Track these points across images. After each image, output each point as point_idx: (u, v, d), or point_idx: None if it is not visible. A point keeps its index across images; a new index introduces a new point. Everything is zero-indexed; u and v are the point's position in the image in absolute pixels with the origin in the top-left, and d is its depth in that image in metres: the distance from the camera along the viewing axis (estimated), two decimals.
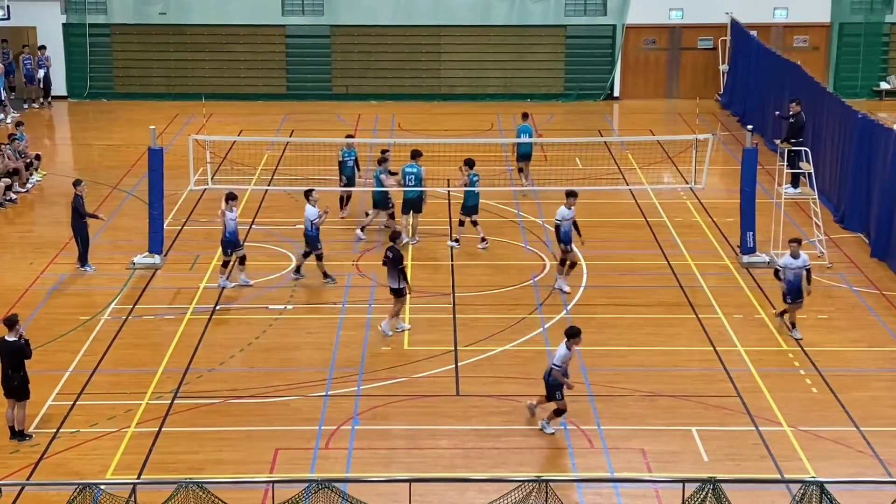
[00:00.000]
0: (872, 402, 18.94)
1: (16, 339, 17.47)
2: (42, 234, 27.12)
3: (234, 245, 23.48)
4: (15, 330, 17.47)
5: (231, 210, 23.44)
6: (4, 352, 17.47)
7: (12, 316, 17.69)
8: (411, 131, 34.98)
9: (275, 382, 19.49)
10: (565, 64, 40.42)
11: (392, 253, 21.22)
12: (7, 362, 17.50)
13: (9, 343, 17.44)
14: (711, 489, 13.90)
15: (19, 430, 17.61)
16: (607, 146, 33.15)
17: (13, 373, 17.44)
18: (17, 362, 17.47)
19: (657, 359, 20.39)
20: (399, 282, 21.18)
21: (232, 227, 23.37)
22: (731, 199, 27.21)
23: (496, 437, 17.81)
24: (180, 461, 17.04)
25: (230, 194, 23.70)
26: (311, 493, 13.91)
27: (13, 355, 17.44)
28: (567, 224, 23.13)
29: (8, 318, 17.63)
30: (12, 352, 17.42)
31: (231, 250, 23.45)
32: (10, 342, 17.44)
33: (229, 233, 23.35)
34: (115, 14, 39.80)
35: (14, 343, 17.44)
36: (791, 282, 21.19)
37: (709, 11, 39.59)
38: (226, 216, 23.33)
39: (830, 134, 28.53)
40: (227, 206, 23.39)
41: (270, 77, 40.36)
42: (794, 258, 21.18)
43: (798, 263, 21.15)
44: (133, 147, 33.44)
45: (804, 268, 21.15)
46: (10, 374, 17.45)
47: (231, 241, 23.42)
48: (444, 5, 39.88)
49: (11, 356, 17.45)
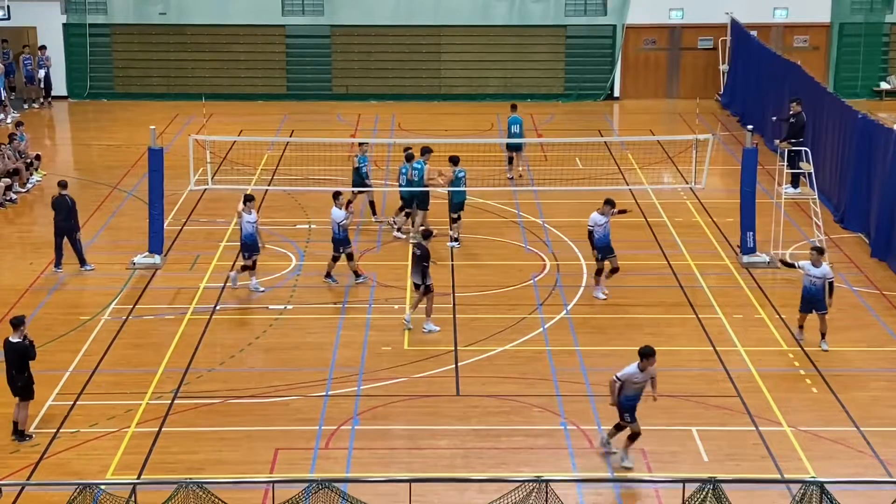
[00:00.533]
0: (872, 402, 18.95)
1: (20, 341, 17.49)
2: (42, 234, 27.06)
3: (252, 248, 23.13)
4: (20, 331, 17.49)
5: (249, 212, 23.13)
6: (9, 353, 17.51)
7: (18, 317, 17.70)
8: (411, 131, 34.97)
9: (275, 382, 19.49)
10: (565, 64, 40.42)
11: (420, 250, 21.45)
12: (12, 363, 17.53)
13: (13, 344, 17.47)
14: (711, 489, 13.91)
15: (20, 429, 17.61)
16: (607, 146, 33.15)
17: (17, 374, 17.49)
18: (22, 363, 17.50)
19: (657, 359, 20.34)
20: (427, 278, 21.37)
21: (249, 230, 22.98)
22: (731, 199, 27.20)
23: (496, 437, 17.81)
24: (180, 461, 17.04)
25: (248, 196, 23.33)
26: (311, 493, 13.91)
27: (18, 356, 17.48)
28: (600, 230, 22.71)
29: (13, 320, 17.65)
30: (17, 353, 17.46)
31: (249, 254, 23.15)
32: (15, 343, 17.47)
33: (246, 235, 23.00)
34: (115, 14, 39.80)
35: (18, 344, 17.46)
36: (807, 289, 20.58)
37: (709, 11, 39.58)
38: (242, 218, 23.04)
39: (830, 134, 28.53)
40: (245, 207, 23.08)
41: (270, 77, 40.36)
42: (815, 266, 20.59)
43: (816, 273, 20.49)
44: (133, 147, 33.45)
45: (825, 279, 20.46)
46: (15, 374, 17.49)
47: (248, 245, 23.07)
48: (444, 5, 39.88)
49: (16, 357, 17.49)
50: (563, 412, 18.52)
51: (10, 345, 17.50)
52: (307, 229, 26.83)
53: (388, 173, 30.53)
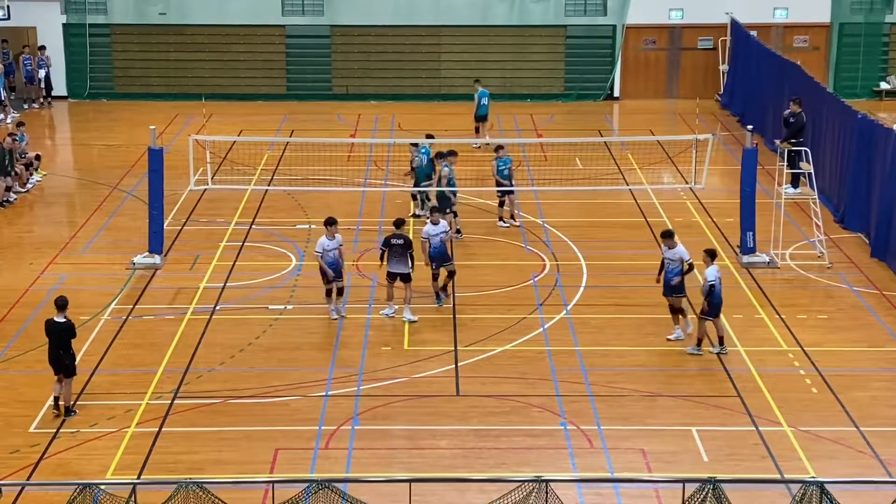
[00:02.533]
0: (872, 402, 18.94)
1: (65, 321, 18.39)
2: (42, 234, 27.12)
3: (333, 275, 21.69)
4: (64, 312, 18.37)
5: (333, 237, 21.64)
6: (54, 332, 18.38)
7: (62, 298, 18.50)
8: (411, 131, 34.97)
9: (275, 382, 19.49)
10: (565, 64, 40.42)
11: (403, 239, 21.65)
12: (56, 342, 18.35)
13: (58, 324, 18.36)
14: (711, 489, 13.90)
15: (65, 406, 18.37)
16: (607, 146, 33.15)
17: (63, 352, 18.33)
18: (66, 342, 18.37)
19: (657, 359, 20.39)
20: (410, 266, 21.70)
21: (331, 259, 21.56)
22: (731, 199, 27.20)
23: (496, 437, 17.81)
24: (180, 461, 17.04)
25: (330, 219, 21.75)
26: (311, 493, 13.90)
27: (62, 335, 18.35)
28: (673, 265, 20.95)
29: (58, 300, 18.48)
30: (62, 332, 18.35)
31: (329, 280, 21.74)
32: (60, 323, 18.37)
33: (328, 263, 21.59)
34: (115, 14, 39.80)
35: (63, 324, 18.38)
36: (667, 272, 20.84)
37: (709, 11, 39.58)
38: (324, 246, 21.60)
39: (830, 134, 28.53)
40: (328, 231, 21.66)
41: (270, 77, 40.36)
42: (669, 249, 20.87)
43: (670, 256, 20.87)
44: (133, 147, 33.44)
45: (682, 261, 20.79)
46: (61, 353, 18.32)
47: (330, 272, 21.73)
48: (444, 5, 39.88)
49: (61, 336, 18.35)
50: (563, 412, 18.52)
51: (55, 324, 18.40)
52: (307, 229, 26.83)
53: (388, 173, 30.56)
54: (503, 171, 26.77)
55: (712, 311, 20.23)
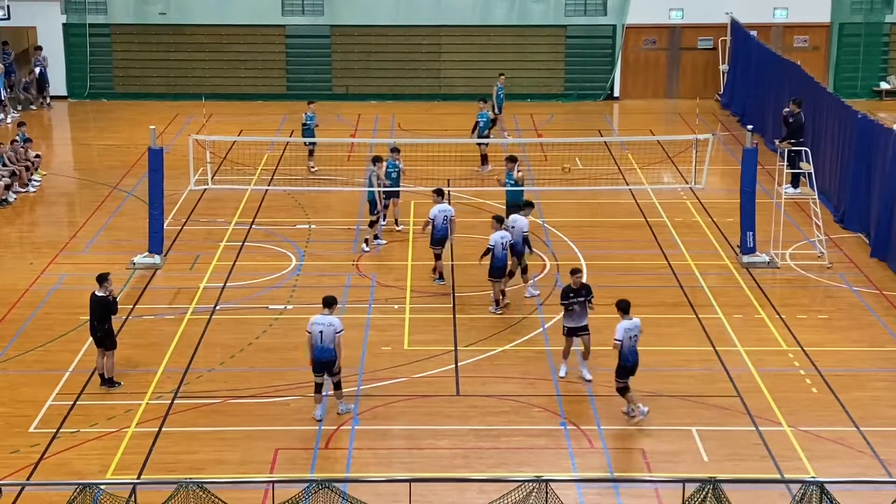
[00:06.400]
0: (872, 402, 18.94)
1: (105, 295, 19.08)
2: (42, 234, 27.13)
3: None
4: (104, 286, 19.10)
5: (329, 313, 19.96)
6: (95, 305, 19.10)
7: (104, 273, 19.24)
8: (411, 131, 34.97)
9: (275, 382, 19.49)
10: (565, 64, 40.41)
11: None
12: (96, 315, 19.08)
13: (98, 298, 19.08)
14: (711, 489, 13.90)
15: (108, 377, 19.16)
16: (607, 146, 33.14)
17: (99, 324, 19.04)
18: (103, 315, 19.09)
19: (657, 359, 20.37)
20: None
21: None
22: (731, 199, 27.20)
23: (496, 437, 17.81)
24: (180, 461, 17.04)
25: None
26: (311, 493, 13.90)
27: (101, 309, 19.07)
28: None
29: (99, 276, 19.19)
30: (100, 305, 19.07)
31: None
32: (100, 297, 19.07)
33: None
34: (115, 14, 39.80)
35: (103, 298, 19.07)
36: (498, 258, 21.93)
37: (709, 11, 39.58)
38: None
39: (830, 134, 28.53)
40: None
41: (270, 77, 40.35)
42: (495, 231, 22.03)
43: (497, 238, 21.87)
44: (133, 147, 33.45)
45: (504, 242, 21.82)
46: (96, 325, 19.05)
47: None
48: (444, 5, 39.88)
49: (99, 309, 19.06)
50: (563, 412, 18.52)
51: (95, 298, 19.10)
52: (307, 229, 26.83)
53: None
54: (391, 173, 26.24)
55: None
